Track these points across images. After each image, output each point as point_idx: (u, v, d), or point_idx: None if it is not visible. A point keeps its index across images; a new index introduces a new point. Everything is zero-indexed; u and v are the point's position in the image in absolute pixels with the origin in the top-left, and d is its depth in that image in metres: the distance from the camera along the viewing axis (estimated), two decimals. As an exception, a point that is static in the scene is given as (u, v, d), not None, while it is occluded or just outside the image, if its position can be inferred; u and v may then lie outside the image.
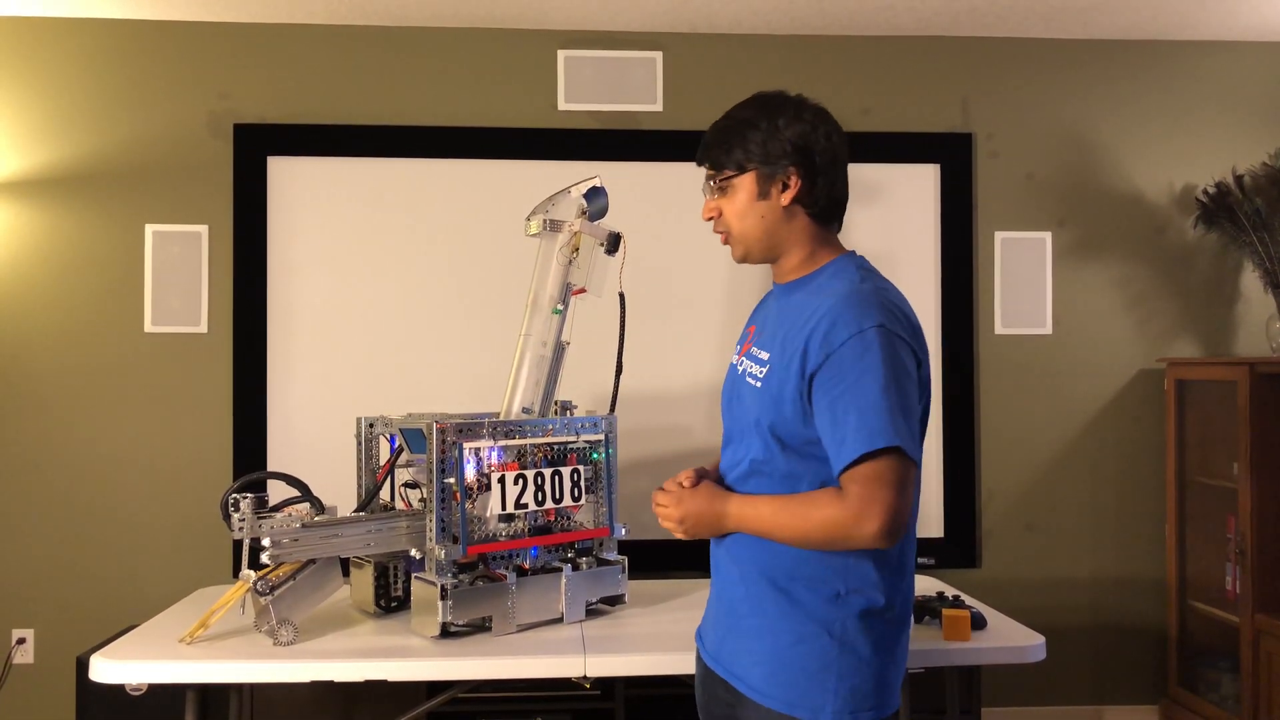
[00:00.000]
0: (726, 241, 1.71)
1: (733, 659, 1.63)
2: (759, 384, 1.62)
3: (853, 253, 1.68)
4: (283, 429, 3.40)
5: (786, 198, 1.63)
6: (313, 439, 3.38)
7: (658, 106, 3.50)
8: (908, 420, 1.48)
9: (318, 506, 2.25)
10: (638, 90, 3.51)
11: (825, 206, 1.65)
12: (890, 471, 1.46)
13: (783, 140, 1.61)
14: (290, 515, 2.17)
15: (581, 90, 3.51)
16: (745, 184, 1.65)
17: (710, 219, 1.71)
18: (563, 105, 3.51)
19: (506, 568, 2.23)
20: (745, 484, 1.65)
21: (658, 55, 3.52)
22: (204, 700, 2.17)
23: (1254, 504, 3.22)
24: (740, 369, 1.69)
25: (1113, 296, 3.64)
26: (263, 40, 3.44)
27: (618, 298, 2.41)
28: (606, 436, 2.39)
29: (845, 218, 1.72)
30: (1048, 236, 3.61)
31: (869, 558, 1.55)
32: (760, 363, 1.63)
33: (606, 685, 3.04)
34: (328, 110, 3.45)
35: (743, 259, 1.70)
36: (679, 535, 1.70)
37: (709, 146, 1.69)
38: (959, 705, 2.62)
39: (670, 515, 1.69)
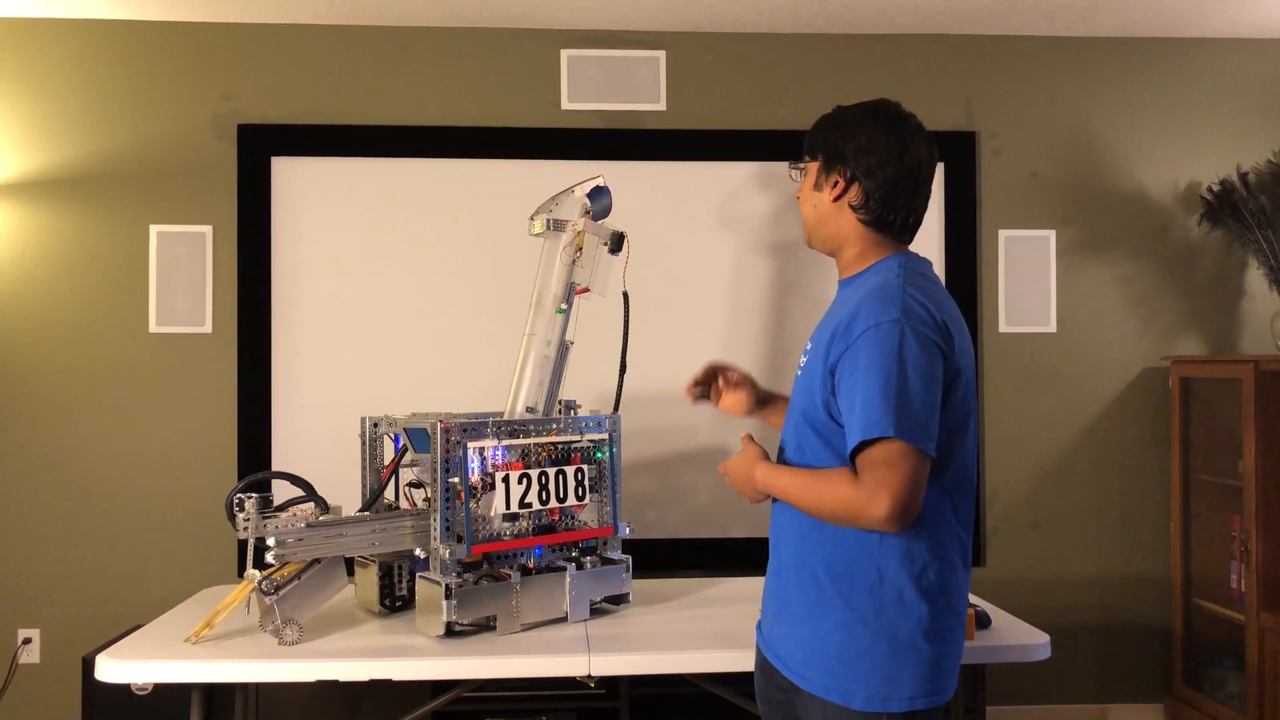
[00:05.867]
0: None
1: (780, 644, 1.68)
2: (800, 371, 1.72)
3: (904, 253, 1.71)
4: (287, 429, 3.41)
5: (832, 195, 1.71)
6: (317, 439, 3.38)
7: (661, 106, 3.50)
8: (911, 411, 1.50)
9: (322, 506, 2.26)
10: (641, 89, 3.51)
11: (879, 216, 1.68)
12: (898, 458, 1.49)
13: (846, 142, 1.69)
14: (295, 515, 2.17)
15: (585, 90, 3.51)
16: (809, 173, 1.77)
17: (799, 198, 1.81)
18: (566, 105, 3.51)
19: (511, 567, 2.23)
20: (783, 462, 1.74)
21: (661, 54, 3.51)
22: (209, 700, 2.18)
23: (1259, 502, 3.21)
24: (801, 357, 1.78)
25: (1117, 295, 3.63)
26: (266, 41, 3.45)
27: (621, 297, 2.41)
28: (610, 435, 2.40)
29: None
30: (1052, 235, 3.61)
31: (905, 547, 1.57)
32: (806, 352, 1.73)
33: (611, 684, 3.04)
34: (331, 110, 3.45)
35: (806, 243, 1.81)
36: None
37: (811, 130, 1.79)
38: (964, 704, 2.61)
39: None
